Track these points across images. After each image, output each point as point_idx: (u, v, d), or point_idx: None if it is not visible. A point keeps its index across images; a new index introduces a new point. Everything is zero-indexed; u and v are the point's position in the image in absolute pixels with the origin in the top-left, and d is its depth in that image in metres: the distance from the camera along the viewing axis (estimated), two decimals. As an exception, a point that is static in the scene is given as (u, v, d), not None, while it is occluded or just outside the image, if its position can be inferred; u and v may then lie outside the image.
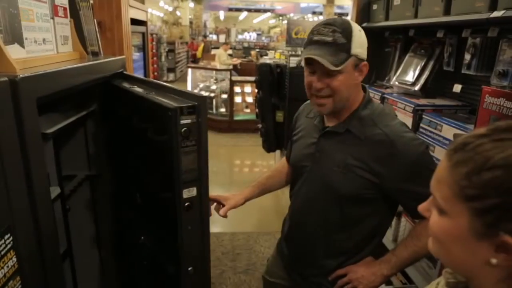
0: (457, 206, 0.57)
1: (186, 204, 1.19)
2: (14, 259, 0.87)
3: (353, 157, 1.17)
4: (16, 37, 1.03)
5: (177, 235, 1.24)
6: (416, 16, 1.93)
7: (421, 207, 0.67)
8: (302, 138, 1.36)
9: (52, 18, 1.27)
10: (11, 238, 0.86)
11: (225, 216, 1.37)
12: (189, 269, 1.29)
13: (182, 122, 1.11)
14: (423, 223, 1.19)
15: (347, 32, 1.10)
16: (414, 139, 1.14)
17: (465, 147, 0.57)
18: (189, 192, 1.20)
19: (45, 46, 1.21)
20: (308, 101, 1.41)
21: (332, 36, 1.09)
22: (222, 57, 9.42)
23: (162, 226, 1.34)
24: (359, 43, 1.12)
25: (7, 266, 0.85)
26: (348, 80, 1.13)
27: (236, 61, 9.43)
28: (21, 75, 0.88)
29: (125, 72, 1.69)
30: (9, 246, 0.85)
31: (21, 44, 1.05)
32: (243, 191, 1.49)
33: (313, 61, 1.10)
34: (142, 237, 1.49)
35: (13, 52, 1.00)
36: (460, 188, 0.56)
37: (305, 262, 1.37)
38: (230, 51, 11.23)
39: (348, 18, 1.31)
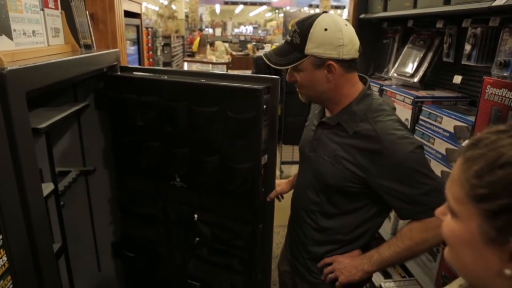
0: (467, 207, 0.52)
1: (262, 169, 1.43)
2: (5, 258, 0.85)
3: (343, 149, 1.18)
4: (3, 29, 0.99)
5: (254, 197, 1.45)
6: (415, 6, 1.89)
7: (438, 212, 0.61)
8: (308, 125, 1.39)
9: (42, 10, 1.23)
10: (0, 237, 0.83)
11: (271, 199, 1.52)
12: (260, 226, 1.50)
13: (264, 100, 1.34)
14: (409, 226, 1.17)
15: (304, 33, 1.12)
16: (404, 138, 1.10)
17: (479, 143, 0.53)
18: (264, 159, 1.43)
19: (35, 38, 1.18)
20: None
21: (291, 36, 1.15)
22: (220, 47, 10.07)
23: (232, 195, 1.49)
24: (318, 42, 1.11)
25: (-3, 266, 0.82)
26: (309, 77, 1.16)
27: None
28: (8, 68, 0.85)
29: (122, 65, 1.66)
30: (-2, 245, 0.83)
31: (9, 36, 1.02)
32: (289, 179, 1.59)
33: None
34: (196, 215, 1.58)
35: (1, 44, 0.97)
36: (471, 188, 0.51)
37: (299, 247, 1.40)
38: (226, 44, 11.22)
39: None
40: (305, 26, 1.12)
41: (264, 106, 1.35)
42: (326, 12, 1.17)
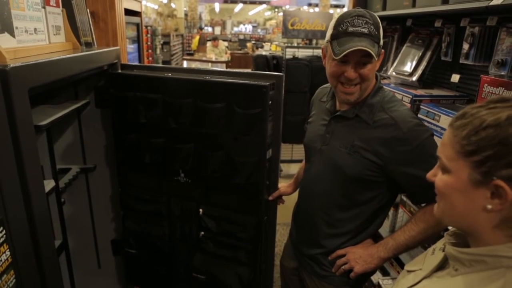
0: (459, 162, 0.68)
1: (267, 163, 1.47)
2: (8, 253, 0.86)
3: (360, 139, 1.22)
4: (6, 26, 1.00)
5: (259, 190, 1.50)
6: (414, 6, 1.90)
7: (429, 174, 0.77)
8: (315, 121, 1.41)
9: (44, 7, 1.24)
10: (4, 232, 0.84)
11: (273, 198, 1.57)
12: (265, 218, 1.55)
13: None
14: (422, 210, 1.22)
15: (377, 24, 1.16)
16: (419, 125, 1.18)
17: (465, 115, 0.69)
18: (269, 154, 1.47)
19: (36, 36, 1.19)
20: (324, 86, 1.47)
21: (367, 28, 1.13)
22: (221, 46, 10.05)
23: (238, 188, 1.53)
24: (382, 33, 1.18)
25: (0, 260, 0.83)
26: (375, 68, 1.20)
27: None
28: (11, 65, 0.86)
29: (123, 63, 1.66)
30: (1, 239, 0.84)
31: (12, 34, 1.03)
32: (290, 183, 1.65)
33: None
34: (201, 210, 1.62)
35: (3, 41, 0.98)
36: (461, 147, 0.67)
37: (309, 241, 1.41)
38: (226, 43, 11.22)
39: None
40: (374, 17, 1.15)
41: (270, 102, 1.38)
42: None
